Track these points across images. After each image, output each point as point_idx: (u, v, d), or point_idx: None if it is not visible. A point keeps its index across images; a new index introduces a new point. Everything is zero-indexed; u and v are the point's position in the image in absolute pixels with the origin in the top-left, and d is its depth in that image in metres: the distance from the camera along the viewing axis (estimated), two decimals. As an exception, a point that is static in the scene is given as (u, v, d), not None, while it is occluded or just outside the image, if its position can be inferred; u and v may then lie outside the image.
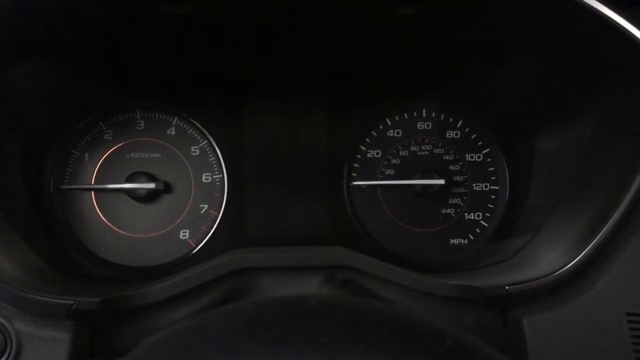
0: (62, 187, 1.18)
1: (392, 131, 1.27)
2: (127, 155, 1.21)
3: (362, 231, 1.24)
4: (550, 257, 0.96)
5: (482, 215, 1.25)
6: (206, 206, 1.22)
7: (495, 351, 0.48)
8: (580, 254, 0.90)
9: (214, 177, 1.23)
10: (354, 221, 1.24)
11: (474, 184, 1.26)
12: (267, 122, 1.23)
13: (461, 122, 1.27)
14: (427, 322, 0.49)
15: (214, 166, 1.23)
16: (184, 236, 1.21)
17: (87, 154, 1.20)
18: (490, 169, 1.26)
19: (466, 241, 1.25)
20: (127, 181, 1.18)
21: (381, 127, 1.27)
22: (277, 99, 1.24)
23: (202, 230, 1.21)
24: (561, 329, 0.88)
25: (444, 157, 1.26)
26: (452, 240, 1.25)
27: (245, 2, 0.90)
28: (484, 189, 1.26)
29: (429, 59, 1.16)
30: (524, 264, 1.02)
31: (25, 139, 1.07)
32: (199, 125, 1.22)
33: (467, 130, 1.27)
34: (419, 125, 1.27)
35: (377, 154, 1.26)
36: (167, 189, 1.20)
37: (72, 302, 0.84)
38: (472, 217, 1.25)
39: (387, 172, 1.26)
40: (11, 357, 0.83)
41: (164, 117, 1.23)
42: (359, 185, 1.25)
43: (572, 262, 0.90)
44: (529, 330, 0.88)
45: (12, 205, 1.00)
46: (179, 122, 1.23)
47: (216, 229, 1.21)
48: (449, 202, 1.25)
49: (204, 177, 1.23)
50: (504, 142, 1.25)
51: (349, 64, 1.19)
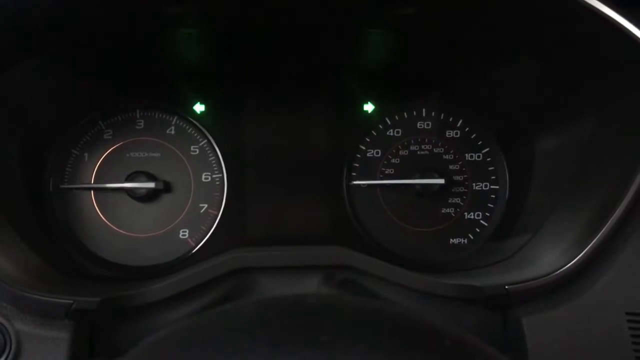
0: (62, 186, 1.18)
1: (391, 130, 1.27)
2: (127, 154, 1.21)
3: (361, 231, 1.24)
4: (550, 257, 0.97)
5: (482, 214, 1.25)
6: (206, 205, 1.22)
7: (495, 351, 0.48)
8: (580, 254, 0.90)
9: (214, 176, 1.23)
10: (353, 221, 1.24)
11: (474, 184, 1.26)
12: (266, 121, 1.23)
13: (461, 121, 1.27)
14: (427, 322, 0.49)
15: (214, 165, 1.23)
16: (183, 235, 1.21)
17: (86, 154, 1.20)
18: (490, 169, 1.26)
19: (466, 241, 1.25)
20: (127, 180, 1.18)
21: (381, 126, 1.26)
22: (276, 99, 1.24)
23: (201, 229, 1.21)
24: (561, 328, 0.88)
25: (444, 156, 1.26)
26: (452, 239, 1.25)
27: (245, 2, 0.90)
28: (483, 188, 1.26)
29: (429, 59, 1.16)
30: (524, 263, 1.02)
31: (25, 138, 1.07)
32: (198, 124, 1.23)
33: (467, 129, 1.27)
34: (418, 124, 1.27)
35: (377, 153, 1.26)
36: (167, 188, 1.20)
37: (71, 301, 0.85)
38: (472, 217, 1.25)
39: (386, 172, 1.26)
40: (11, 356, 0.83)
41: (164, 116, 1.23)
42: (359, 184, 1.25)
43: (572, 262, 0.90)
44: (528, 329, 0.88)
45: (11, 205, 1.00)
46: (178, 121, 1.23)
47: (216, 228, 1.21)
48: (449, 201, 1.25)
49: (203, 177, 1.22)
50: (503, 142, 1.25)
51: (348, 64, 1.19)
